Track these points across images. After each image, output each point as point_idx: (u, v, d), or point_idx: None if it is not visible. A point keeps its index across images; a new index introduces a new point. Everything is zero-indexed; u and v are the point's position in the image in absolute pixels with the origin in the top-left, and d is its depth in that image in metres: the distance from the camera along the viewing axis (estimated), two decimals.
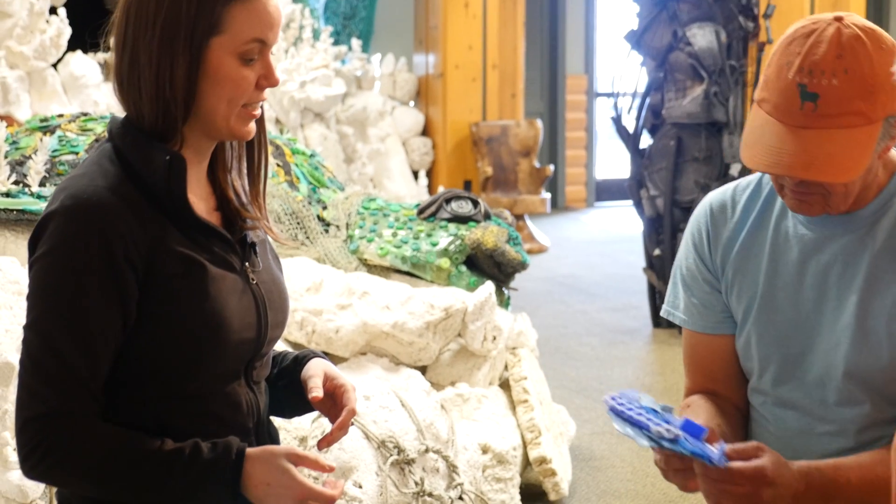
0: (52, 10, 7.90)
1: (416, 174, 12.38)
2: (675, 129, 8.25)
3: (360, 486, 3.85)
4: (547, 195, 12.77)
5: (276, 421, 2.28)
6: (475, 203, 5.31)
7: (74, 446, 1.89)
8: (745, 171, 7.93)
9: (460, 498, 4.19)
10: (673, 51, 8.27)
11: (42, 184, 4.34)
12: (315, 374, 2.15)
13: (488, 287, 4.89)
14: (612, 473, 5.52)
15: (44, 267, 1.91)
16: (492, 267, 5.14)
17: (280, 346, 4.05)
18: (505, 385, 5.14)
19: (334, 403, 2.14)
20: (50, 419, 1.88)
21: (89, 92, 8.25)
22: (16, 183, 4.41)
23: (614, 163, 15.48)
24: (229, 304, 2.01)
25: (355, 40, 12.20)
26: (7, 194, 4.21)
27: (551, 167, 13.11)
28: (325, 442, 2.08)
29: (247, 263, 2.09)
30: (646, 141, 8.55)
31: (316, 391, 2.10)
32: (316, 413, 2.47)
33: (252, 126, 2.06)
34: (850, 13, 2.19)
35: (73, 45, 8.17)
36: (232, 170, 2.13)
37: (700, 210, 2.45)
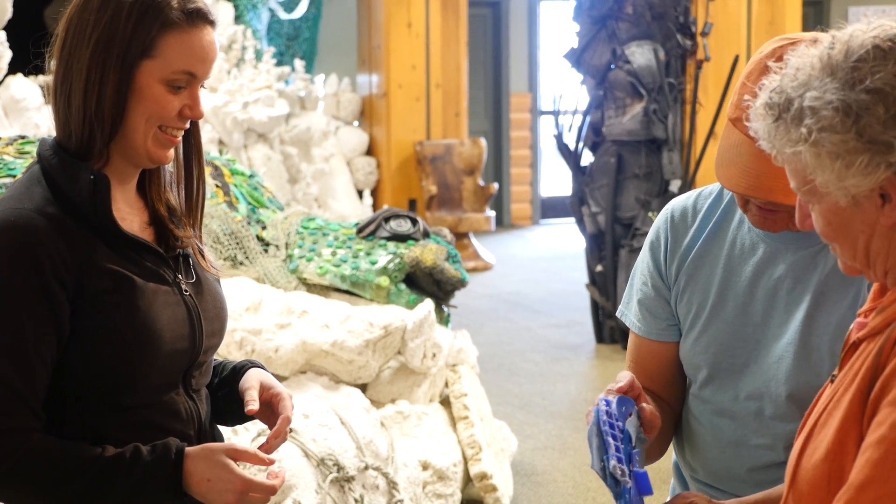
0: None
1: (360, 194, 12.40)
2: (616, 147, 8.33)
3: None
4: (492, 213, 12.83)
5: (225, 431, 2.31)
6: (414, 221, 5.34)
7: (18, 462, 1.92)
8: (684, 188, 8.02)
9: None
10: (612, 69, 8.36)
11: None
12: (251, 385, 2.18)
13: (427, 305, 4.92)
14: (553, 488, 5.55)
15: None
16: (431, 285, 5.18)
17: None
18: (445, 402, 5.17)
19: (272, 412, 2.18)
20: None
21: (30, 115, 8.22)
22: None
23: (559, 180, 15.55)
24: (160, 316, 2.03)
25: (298, 61, 12.21)
26: None
27: (495, 185, 13.16)
28: (264, 450, 2.11)
29: (179, 275, 2.12)
30: (587, 158, 8.62)
31: (252, 404, 2.13)
32: (258, 425, 2.49)
33: (170, 152, 2.08)
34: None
35: (13, 68, 8.14)
36: (168, 189, 2.17)
37: (661, 217, 2.46)
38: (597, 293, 8.44)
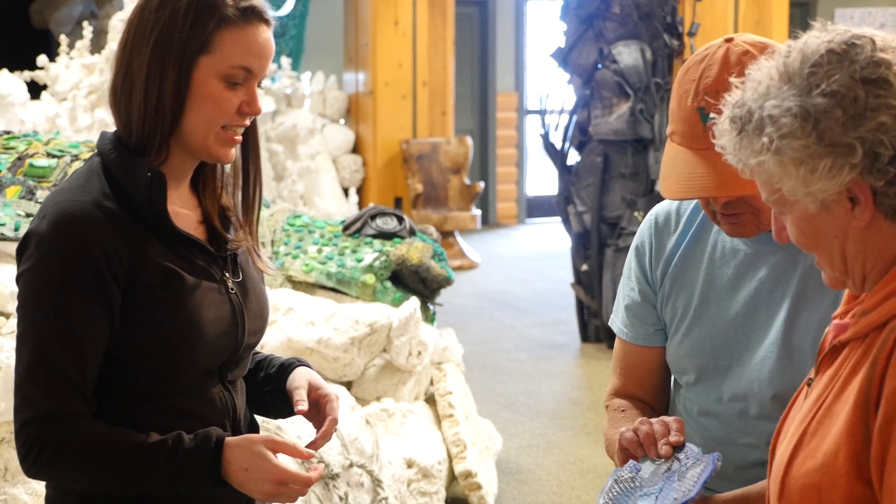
0: None
1: (346, 192, 12.40)
2: (602, 146, 8.34)
3: None
4: (477, 212, 12.84)
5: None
6: (400, 219, 5.34)
7: (66, 444, 2.01)
8: None
9: None
10: (599, 68, 8.37)
11: None
12: (300, 384, 2.26)
13: (413, 303, 4.92)
14: (538, 486, 5.56)
15: (31, 279, 2.02)
16: (417, 283, 5.17)
17: None
18: (430, 400, 5.17)
19: (318, 412, 2.25)
20: (43, 421, 2.00)
21: (16, 111, 8.19)
22: None
23: (545, 180, 15.56)
24: (205, 314, 2.10)
25: (285, 58, 12.20)
26: None
27: (481, 184, 13.17)
28: (310, 448, 2.17)
29: (227, 273, 2.18)
30: (573, 158, 8.63)
31: (302, 404, 2.21)
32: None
33: (232, 151, 2.15)
34: (743, 34, 2.22)
35: None
36: (223, 191, 2.23)
37: (646, 222, 2.48)
38: (582, 292, 8.45)
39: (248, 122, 2.15)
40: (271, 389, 2.32)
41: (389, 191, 12.76)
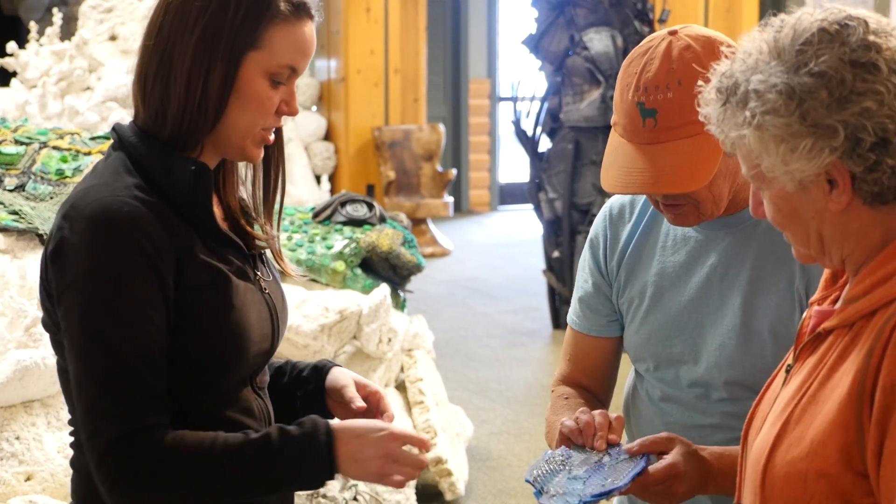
0: None
1: (318, 179, 12.38)
2: (573, 133, 8.35)
3: None
4: (450, 199, 12.83)
5: None
6: (370, 206, 5.34)
7: (164, 459, 1.85)
8: None
9: (355, 499, 4.22)
10: (570, 55, 8.37)
11: None
12: (346, 383, 2.17)
13: (383, 290, 4.93)
14: (508, 473, 5.57)
15: (83, 288, 1.85)
16: (387, 269, 5.18)
17: None
18: (401, 387, 5.17)
19: (368, 409, 2.14)
20: (131, 437, 1.83)
21: None
22: None
23: (518, 167, 15.56)
24: (250, 316, 1.99)
25: None
26: None
27: (454, 171, 13.17)
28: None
29: (258, 273, 2.08)
30: (544, 144, 8.63)
31: (358, 402, 2.11)
32: None
33: (261, 150, 2.03)
34: (689, 26, 2.20)
35: None
36: (241, 188, 2.13)
37: (601, 214, 2.49)
38: (553, 279, 8.47)
39: (283, 123, 2.04)
40: (306, 392, 2.21)
41: (362, 178, 12.74)
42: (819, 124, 1.56)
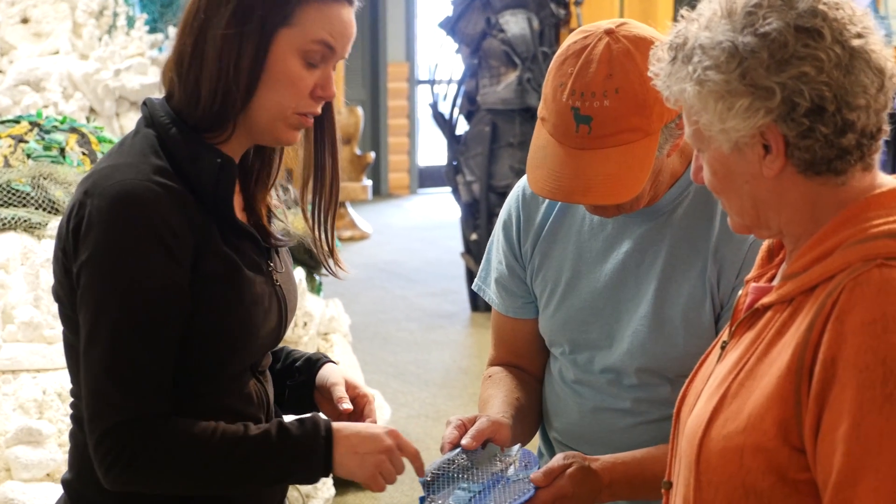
0: None
1: None
2: (490, 116, 8.36)
3: None
4: (368, 182, 12.79)
5: None
6: (285, 189, 5.30)
7: (161, 448, 1.87)
8: None
9: None
10: (486, 38, 8.37)
11: None
12: (336, 381, 2.17)
13: (298, 273, 4.90)
14: (426, 456, 5.47)
15: (98, 265, 1.86)
16: (302, 253, 5.14)
17: None
18: None
19: (354, 412, 2.15)
20: (130, 425, 1.86)
21: None
22: None
23: (437, 150, 15.54)
24: (258, 310, 1.99)
25: (172, 28, 12.03)
26: None
27: (372, 154, 13.13)
28: None
29: (271, 264, 2.07)
30: (462, 127, 8.64)
31: (346, 403, 2.12)
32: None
33: (297, 134, 2.02)
34: (627, 20, 2.15)
35: None
36: (276, 183, 2.12)
37: (513, 195, 2.45)
38: (472, 261, 8.48)
39: (319, 109, 2.01)
40: (295, 383, 2.22)
41: None
42: (757, 84, 1.58)
